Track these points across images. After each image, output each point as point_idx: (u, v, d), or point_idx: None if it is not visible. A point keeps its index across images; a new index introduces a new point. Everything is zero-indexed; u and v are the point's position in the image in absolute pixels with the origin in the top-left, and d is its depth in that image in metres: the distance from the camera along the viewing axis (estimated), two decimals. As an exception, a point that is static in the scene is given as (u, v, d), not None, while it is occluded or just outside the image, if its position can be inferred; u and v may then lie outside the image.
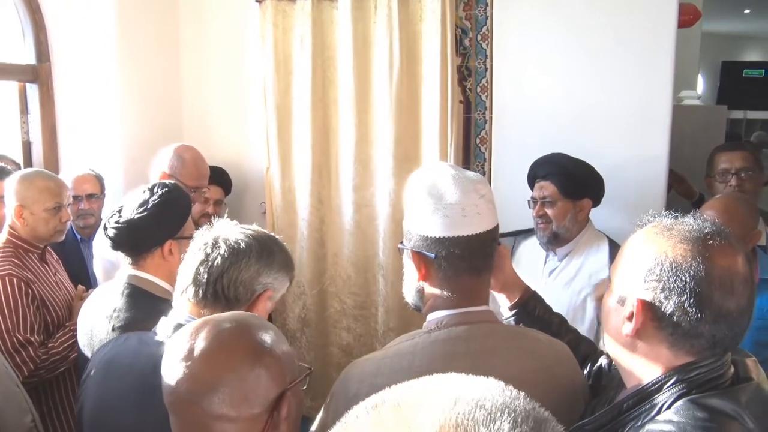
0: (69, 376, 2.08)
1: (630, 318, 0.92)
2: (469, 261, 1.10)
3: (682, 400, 0.87)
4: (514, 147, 2.53)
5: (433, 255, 1.09)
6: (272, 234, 1.34)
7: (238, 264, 1.22)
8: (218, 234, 1.27)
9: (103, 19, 2.83)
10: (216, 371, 0.89)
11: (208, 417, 0.88)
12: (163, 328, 1.25)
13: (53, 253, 2.27)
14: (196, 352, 0.90)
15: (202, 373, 0.89)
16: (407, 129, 2.57)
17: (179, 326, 1.20)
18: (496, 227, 1.14)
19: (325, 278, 2.84)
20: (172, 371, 0.91)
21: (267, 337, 0.94)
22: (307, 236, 2.79)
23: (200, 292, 1.21)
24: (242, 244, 1.23)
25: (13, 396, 1.54)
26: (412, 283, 1.17)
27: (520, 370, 1.06)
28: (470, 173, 1.16)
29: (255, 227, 1.33)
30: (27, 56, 2.85)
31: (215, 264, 1.21)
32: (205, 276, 1.21)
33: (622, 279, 0.96)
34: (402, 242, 1.18)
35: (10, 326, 1.86)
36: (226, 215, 1.79)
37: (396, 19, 2.48)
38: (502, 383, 0.53)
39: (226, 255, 1.22)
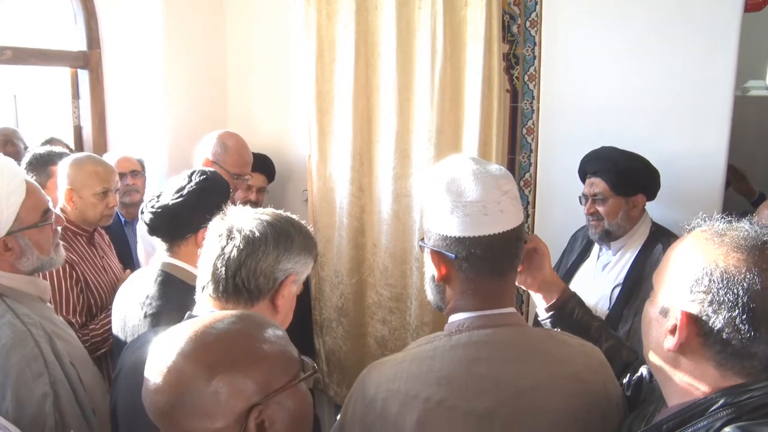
0: (111, 358, 2.14)
1: (673, 331, 0.85)
2: (491, 262, 1.03)
3: (731, 426, 0.79)
4: (563, 138, 2.43)
5: (453, 255, 1.03)
6: (290, 215, 1.28)
7: (255, 254, 1.16)
8: (232, 224, 1.21)
9: (152, 7, 2.87)
10: (174, 388, 0.86)
11: (178, 429, 0.86)
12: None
13: (104, 236, 2.31)
14: (162, 367, 0.87)
15: (164, 390, 0.86)
16: (449, 118, 2.50)
17: None
18: (522, 225, 1.07)
19: (364, 268, 2.81)
20: (144, 385, 0.90)
21: (238, 348, 0.89)
22: (347, 225, 2.77)
23: (220, 287, 1.18)
24: (257, 233, 1.18)
25: (98, 377, 1.60)
26: (432, 283, 1.12)
27: (547, 376, 1.01)
28: (493, 167, 1.08)
29: (270, 210, 1.26)
30: (78, 43, 2.93)
31: (231, 257, 1.16)
32: (223, 271, 1.17)
33: (666, 288, 0.88)
34: (422, 240, 1.13)
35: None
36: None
37: (441, 4, 2.40)
38: None
39: (241, 246, 1.16)
